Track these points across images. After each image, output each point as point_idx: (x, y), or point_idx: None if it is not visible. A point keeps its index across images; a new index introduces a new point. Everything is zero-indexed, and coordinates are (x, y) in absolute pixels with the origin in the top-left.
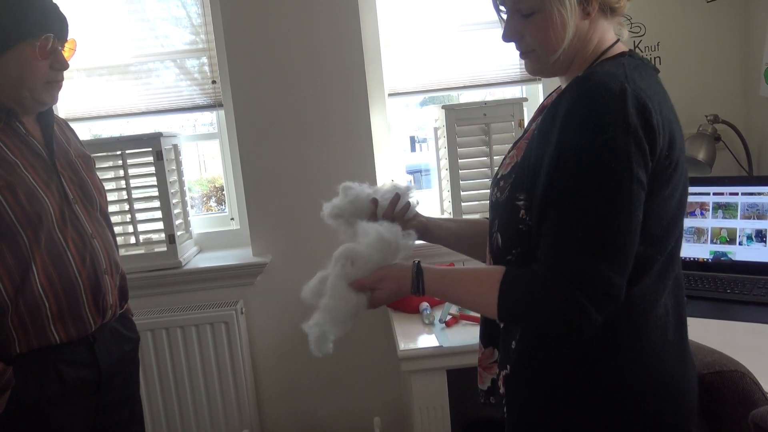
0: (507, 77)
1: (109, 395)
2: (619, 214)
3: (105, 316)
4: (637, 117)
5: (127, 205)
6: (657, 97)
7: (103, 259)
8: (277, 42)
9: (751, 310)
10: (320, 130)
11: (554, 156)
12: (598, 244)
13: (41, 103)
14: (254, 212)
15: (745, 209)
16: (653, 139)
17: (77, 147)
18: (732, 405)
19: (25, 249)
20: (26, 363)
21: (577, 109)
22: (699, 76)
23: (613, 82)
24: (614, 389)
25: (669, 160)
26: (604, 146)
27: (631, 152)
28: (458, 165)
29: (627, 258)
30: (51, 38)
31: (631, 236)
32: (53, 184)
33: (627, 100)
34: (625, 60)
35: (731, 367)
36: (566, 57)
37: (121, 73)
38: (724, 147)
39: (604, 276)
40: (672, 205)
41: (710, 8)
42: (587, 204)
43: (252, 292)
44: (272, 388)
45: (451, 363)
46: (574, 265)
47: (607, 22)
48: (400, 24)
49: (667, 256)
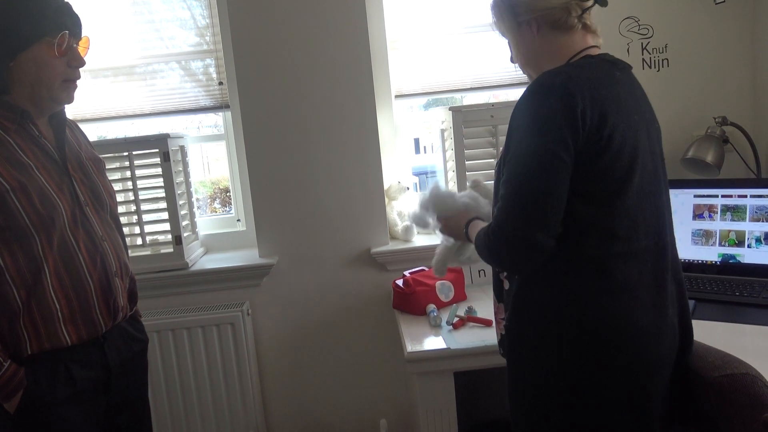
0: (512, 79)
1: (118, 396)
2: (535, 180)
3: (116, 318)
4: (560, 102)
5: (134, 206)
6: (591, 83)
7: (114, 261)
8: (284, 43)
9: (760, 313)
10: (327, 131)
11: (507, 139)
12: (520, 206)
13: (58, 102)
14: (261, 213)
15: (753, 212)
16: (575, 120)
17: (88, 150)
18: (743, 408)
19: (38, 251)
20: (38, 364)
21: (520, 101)
22: (707, 78)
23: (547, 78)
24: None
25: (599, 135)
26: (530, 130)
27: (551, 131)
28: (465, 167)
29: (544, 215)
30: (67, 36)
31: (547, 197)
32: (65, 187)
33: (553, 89)
34: (581, 61)
35: (742, 369)
36: (531, 66)
37: (126, 74)
38: (732, 149)
39: (523, 233)
40: (614, 177)
41: (718, 10)
42: (513, 175)
43: (258, 294)
44: (278, 389)
45: (458, 365)
46: (503, 225)
47: (567, 36)
48: (406, 26)
49: (625, 226)
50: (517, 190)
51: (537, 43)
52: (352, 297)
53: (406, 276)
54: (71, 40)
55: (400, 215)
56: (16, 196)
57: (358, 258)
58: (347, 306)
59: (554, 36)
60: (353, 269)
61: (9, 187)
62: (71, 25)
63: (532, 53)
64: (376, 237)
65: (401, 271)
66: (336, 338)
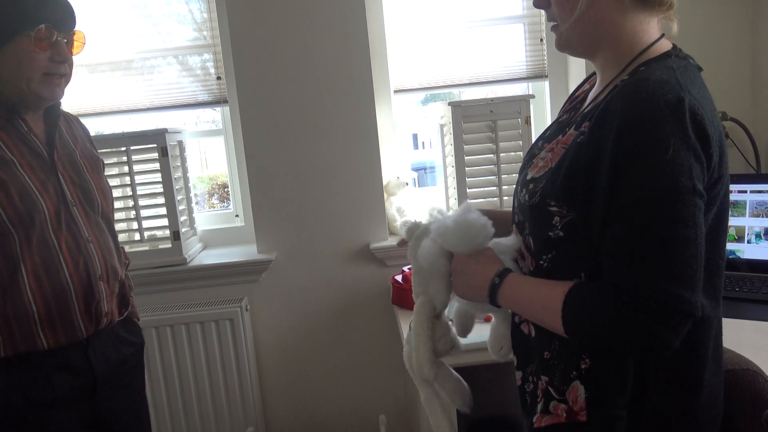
0: (512, 74)
1: (108, 402)
2: (683, 229)
3: (99, 324)
4: (695, 130)
5: (132, 201)
6: (708, 106)
7: (99, 264)
8: (282, 38)
9: (760, 309)
10: (326, 126)
11: (612, 170)
12: (666, 261)
13: (41, 98)
14: (259, 209)
15: (753, 207)
16: (708, 153)
17: (85, 147)
18: (744, 404)
19: (15, 249)
20: (12, 367)
21: (635, 122)
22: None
23: (668, 92)
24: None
25: (719, 173)
26: (668, 162)
27: (692, 166)
28: (464, 162)
29: (695, 272)
30: (47, 29)
31: (698, 250)
32: (50, 185)
33: (685, 112)
34: (672, 62)
35: (744, 366)
36: (586, 32)
37: (123, 69)
38: (732, 145)
39: (673, 293)
40: (710, 219)
41: (719, 5)
42: (652, 220)
43: (257, 289)
44: (277, 385)
45: (459, 361)
46: (641, 284)
47: (644, 13)
48: (405, 20)
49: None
50: (662, 241)
51: (617, 11)
52: (351, 293)
53: (405, 271)
54: (54, 33)
55: (399, 210)
56: None
57: (357, 253)
58: (346, 302)
59: (640, 11)
60: (352, 265)
61: None
62: (56, 18)
63: (599, 17)
64: (375, 232)
65: (400, 266)
66: (335, 334)
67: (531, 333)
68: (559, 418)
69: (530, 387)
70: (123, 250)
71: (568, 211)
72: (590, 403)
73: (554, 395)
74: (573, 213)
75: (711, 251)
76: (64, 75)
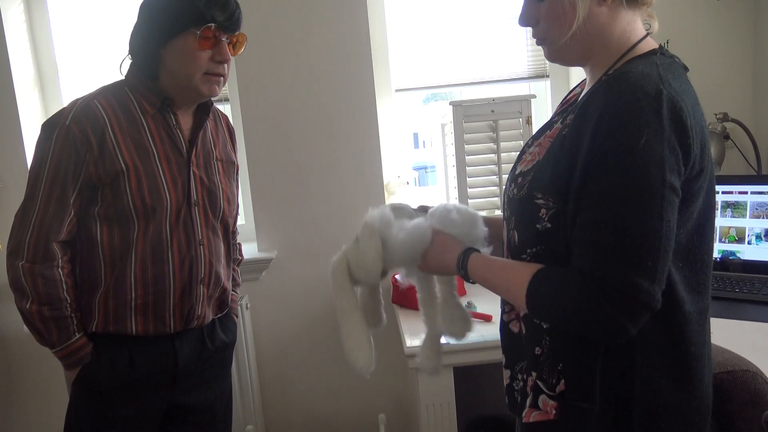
0: (514, 74)
1: (187, 395)
2: (649, 220)
3: (188, 324)
4: (672, 122)
5: None
6: (690, 100)
7: (204, 268)
8: (284, 37)
9: (760, 310)
10: (327, 125)
11: (587, 160)
12: (629, 250)
13: (199, 94)
14: (260, 207)
15: (754, 208)
16: (687, 145)
17: (224, 149)
18: (744, 405)
19: (132, 235)
20: (100, 344)
21: (611, 111)
22: (708, 74)
23: (648, 83)
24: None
25: (701, 166)
26: (639, 152)
27: (665, 158)
28: (465, 161)
29: (658, 264)
30: (212, 29)
31: (663, 242)
32: (180, 182)
33: (663, 103)
34: (657, 59)
35: (743, 366)
36: (580, 43)
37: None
38: (733, 145)
39: (633, 283)
40: (694, 213)
41: (720, 6)
42: (619, 209)
43: (257, 288)
44: (277, 383)
45: (458, 360)
46: (604, 271)
47: (631, 13)
48: (406, 19)
49: (698, 269)
50: (627, 231)
51: (604, 13)
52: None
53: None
54: (218, 33)
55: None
56: (128, 177)
57: None
58: None
59: (624, 10)
60: None
61: (125, 168)
62: (222, 18)
63: (590, 23)
64: None
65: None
66: (335, 332)
67: (522, 330)
68: (548, 415)
69: (519, 385)
70: (239, 247)
71: (554, 203)
72: (561, 396)
73: (543, 389)
74: (558, 204)
75: (696, 245)
76: (223, 75)
